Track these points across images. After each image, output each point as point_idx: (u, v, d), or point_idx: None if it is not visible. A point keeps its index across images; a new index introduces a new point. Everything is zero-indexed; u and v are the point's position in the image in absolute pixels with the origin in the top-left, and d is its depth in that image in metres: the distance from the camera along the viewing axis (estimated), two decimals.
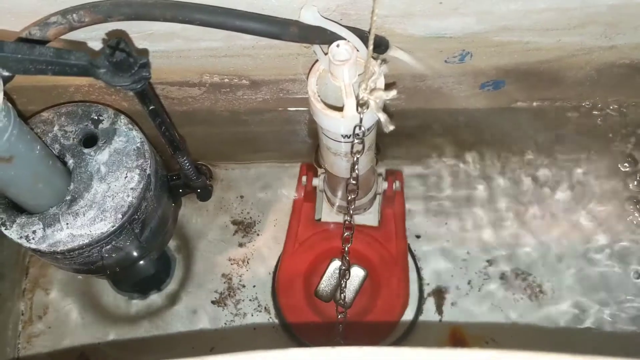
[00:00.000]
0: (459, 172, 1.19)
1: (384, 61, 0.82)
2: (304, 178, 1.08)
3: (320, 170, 1.07)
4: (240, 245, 1.17)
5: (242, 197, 1.20)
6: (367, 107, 0.71)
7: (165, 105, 0.97)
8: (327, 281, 1.06)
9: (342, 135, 0.80)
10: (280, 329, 1.12)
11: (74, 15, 0.71)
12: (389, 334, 1.06)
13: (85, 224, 0.82)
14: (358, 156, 0.79)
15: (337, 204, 1.06)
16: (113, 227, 0.82)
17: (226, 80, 0.93)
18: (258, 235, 1.18)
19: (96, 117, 0.88)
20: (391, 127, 0.71)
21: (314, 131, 0.88)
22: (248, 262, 1.16)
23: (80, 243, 0.81)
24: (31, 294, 1.16)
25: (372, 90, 0.72)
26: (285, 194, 1.18)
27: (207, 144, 1.13)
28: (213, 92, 0.96)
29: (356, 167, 0.80)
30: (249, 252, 1.17)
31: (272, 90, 0.96)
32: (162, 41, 0.82)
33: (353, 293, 1.05)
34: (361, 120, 0.72)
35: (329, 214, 1.10)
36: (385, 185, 1.06)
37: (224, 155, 1.20)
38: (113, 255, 0.86)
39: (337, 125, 0.78)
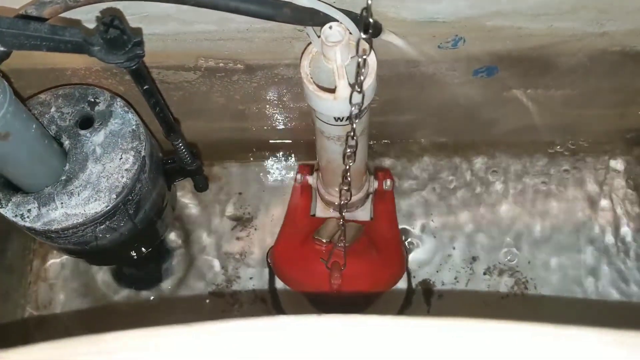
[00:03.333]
0: (449, 168, 1.21)
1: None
2: (299, 175, 1.09)
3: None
4: (238, 239, 1.20)
5: (240, 193, 1.22)
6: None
7: (161, 90, 0.97)
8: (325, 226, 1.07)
9: (334, 118, 0.81)
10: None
11: None
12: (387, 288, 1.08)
13: (80, 204, 0.83)
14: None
15: (330, 200, 1.07)
16: (107, 207, 0.83)
17: (221, 64, 0.93)
18: (255, 229, 1.20)
19: (93, 100, 0.89)
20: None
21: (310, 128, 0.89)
22: (245, 256, 1.19)
23: (75, 222, 0.82)
24: (35, 286, 1.18)
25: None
26: (283, 191, 1.20)
27: (205, 142, 1.14)
28: (208, 77, 0.97)
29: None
30: (246, 246, 1.19)
31: (267, 75, 0.97)
32: (157, 24, 0.83)
33: (353, 232, 1.05)
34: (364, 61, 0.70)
35: (323, 211, 1.12)
36: (376, 184, 1.08)
37: (223, 154, 1.22)
38: (107, 235, 0.87)
39: (329, 108, 0.79)
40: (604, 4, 0.82)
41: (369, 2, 0.62)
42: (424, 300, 1.13)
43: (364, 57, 0.68)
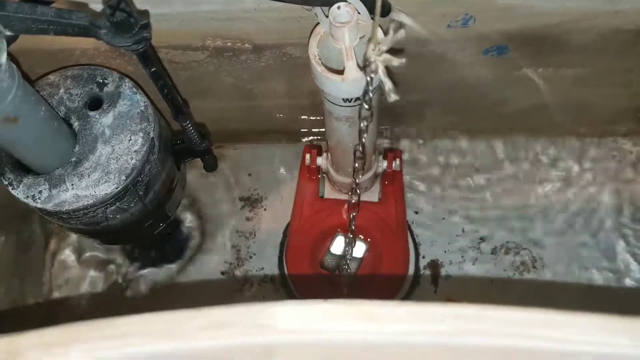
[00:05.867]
0: (458, 148, 1.21)
1: (401, 25, 0.82)
2: (307, 156, 1.09)
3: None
4: (248, 219, 1.21)
5: (249, 174, 1.23)
6: (375, 72, 0.71)
7: (169, 70, 0.97)
8: (331, 254, 1.09)
9: (343, 100, 0.81)
10: (285, 296, 1.15)
11: None
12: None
13: (90, 185, 0.84)
14: (365, 123, 0.79)
15: (339, 180, 1.08)
16: (117, 188, 0.84)
17: (229, 44, 0.93)
18: (265, 210, 1.21)
19: (101, 81, 0.89)
20: (395, 97, 0.70)
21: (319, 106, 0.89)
22: (255, 235, 1.20)
23: (85, 203, 0.83)
24: (52, 266, 1.20)
25: (381, 52, 0.71)
26: (291, 173, 1.21)
27: (214, 122, 1.14)
28: (216, 57, 0.96)
29: (364, 135, 0.80)
30: (256, 226, 1.20)
31: (275, 54, 0.96)
32: (164, 4, 0.82)
33: (356, 264, 1.08)
34: (370, 81, 0.71)
35: (331, 192, 1.12)
36: (385, 164, 1.08)
37: (233, 136, 1.23)
38: (117, 216, 0.88)
39: (337, 89, 0.78)
40: None
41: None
42: (431, 280, 1.14)
43: (372, 75, 0.68)
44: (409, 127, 1.20)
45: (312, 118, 1.17)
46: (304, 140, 1.22)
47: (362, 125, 0.77)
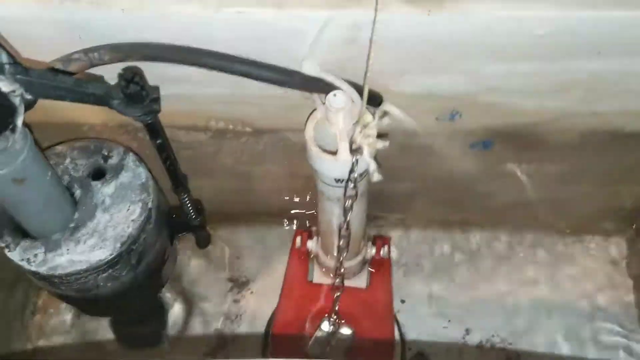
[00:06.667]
0: (444, 240, 1.24)
1: (385, 113, 0.88)
2: (298, 239, 1.12)
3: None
4: (235, 301, 1.21)
5: (238, 257, 1.25)
6: (361, 153, 0.77)
7: (172, 148, 1.02)
8: (317, 341, 1.09)
9: (335, 180, 0.85)
10: None
11: (95, 53, 0.77)
12: None
13: (85, 251, 0.85)
14: (350, 202, 0.83)
15: (328, 264, 1.10)
16: (111, 255, 0.86)
17: (231, 126, 0.98)
18: (252, 293, 1.22)
19: (106, 153, 0.94)
20: (378, 177, 0.76)
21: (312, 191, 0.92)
22: (240, 319, 1.19)
23: (78, 268, 0.84)
24: (36, 338, 1.18)
25: (367, 136, 0.77)
26: (280, 256, 1.22)
27: (210, 202, 1.17)
28: (218, 138, 1.01)
29: (349, 213, 0.84)
30: (242, 309, 1.21)
31: (273, 139, 1.01)
32: (173, 85, 0.88)
33: (343, 352, 1.07)
34: (356, 162, 0.77)
35: (320, 276, 1.14)
36: (373, 250, 1.11)
37: (227, 216, 1.26)
38: (108, 284, 0.89)
39: (330, 169, 0.83)
40: (593, 85, 0.86)
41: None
42: None
43: (357, 157, 0.74)
44: (398, 215, 1.24)
45: (304, 202, 1.21)
46: (295, 223, 1.25)
47: (347, 203, 0.81)
